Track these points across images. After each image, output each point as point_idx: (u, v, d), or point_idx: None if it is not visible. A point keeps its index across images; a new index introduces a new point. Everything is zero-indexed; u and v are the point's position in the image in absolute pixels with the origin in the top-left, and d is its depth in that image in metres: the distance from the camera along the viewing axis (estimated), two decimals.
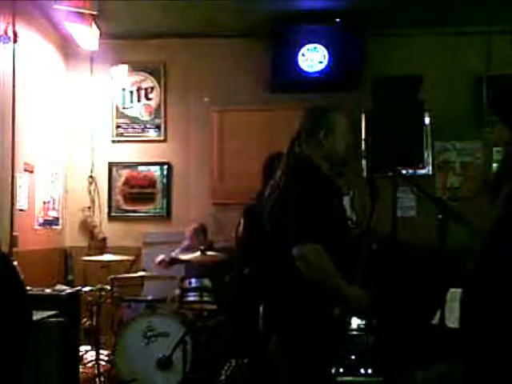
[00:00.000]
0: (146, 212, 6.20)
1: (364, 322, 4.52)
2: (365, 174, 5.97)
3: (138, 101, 6.27)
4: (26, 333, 2.66)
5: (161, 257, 5.36)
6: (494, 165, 5.82)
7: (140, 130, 6.26)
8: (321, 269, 2.39)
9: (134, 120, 6.25)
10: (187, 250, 5.28)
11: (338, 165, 2.68)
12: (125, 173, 6.21)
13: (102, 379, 4.61)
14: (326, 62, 5.75)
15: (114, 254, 5.10)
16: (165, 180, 6.20)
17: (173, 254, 5.39)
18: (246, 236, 4.09)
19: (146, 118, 6.26)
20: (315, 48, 5.76)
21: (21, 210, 5.04)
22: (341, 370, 4.39)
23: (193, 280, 4.79)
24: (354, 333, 4.49)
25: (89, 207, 6.17)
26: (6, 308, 2.51)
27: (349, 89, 5.85)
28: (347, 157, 2.68)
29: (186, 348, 4.40)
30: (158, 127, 6.25)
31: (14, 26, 4.86)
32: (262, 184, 3.99)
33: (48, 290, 4.35)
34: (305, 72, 5.78)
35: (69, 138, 6.19)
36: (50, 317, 3.76)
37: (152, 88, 6.26)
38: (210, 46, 6.17)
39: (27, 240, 5.09)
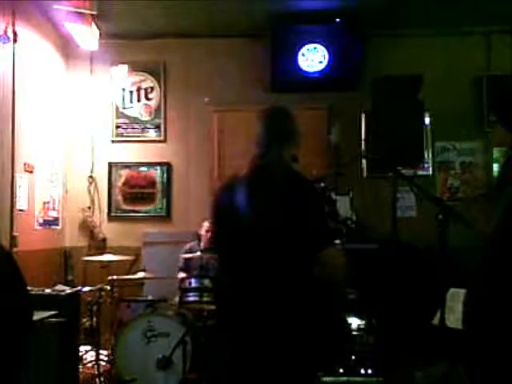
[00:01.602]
0: (146, 212, 6.20)
1: (364, 322, 4.52)
2: (365, 174, 5.99)
3: (138, 101, 6.27)
4: (26, 333, 2.66)
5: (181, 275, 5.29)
6: (495, 165, 5.82)
7: (140, 130, 6.25)
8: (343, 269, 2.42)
9: (134, 120, 6.25)
10: (191, 250, 5.28)
11: None
12: (125, 173, 6.21)
13: (102, 379, 4.61)
14: (325, 62, 5.76)
15: (114, 254, 5.10)
16: (165, 180, 6.20)
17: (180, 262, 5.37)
18: None
19: (146, 118, 6.26)
20: (315, 48, 5.77)
21: (21, 210, 5.04)
22: (341, 370, 4.39)
23: (193, 280, 4.79)
24: (354, 333, 4.49)
25: (89, 207, 6.17)
26: (7, 307, 2.51)
27: (349, 89, 5.86)
28: None
29: (186, 348, 4.40)
30: (157, 127, 6.25)
31: (13, 25, 4.86)
32: None
33: (48, 290, 4.35)
34: (305, 72, 5.79)
35: (69, 138, 6.19)
36: (49, 317, 3.75)
37: (152, 88, 6.26)
38: (209, 46, 6.18)
39: (27, 240, 5.09)
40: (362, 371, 4.39)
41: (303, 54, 5.78)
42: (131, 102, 6.27)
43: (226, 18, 5.73)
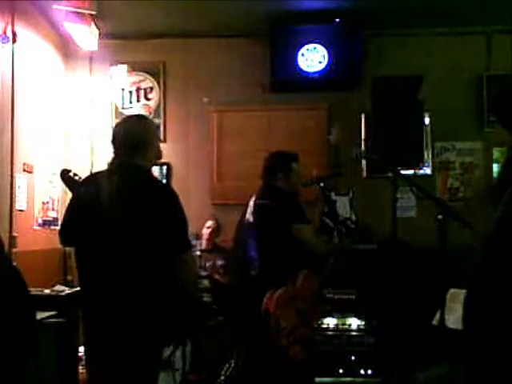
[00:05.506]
0: None
1: (364, 323, 4.51)
2: (365, 174, 5.99)
3: (138, 101, 6.26)
4: (28, 333, 2.66)
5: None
6: (495, 165, 5.82)
7: None
8: None
9: None
10: None
11: None
12: None
13: None
14: (325, 62, 5.75)
15: None
16: (164, 180, 6.18)
17: None
18: None
19: None
20: (315, 48, 5.76)
21: (20, 211, 5.03)
22: (341, 370, 4.38)
23: None
24: (354, 333, 4.48)
25: None
26: (9, 309, 2.51)
27: (349, 89, 5.86)
28: None
29: (186, 348, 4.40)
30: (157, 127, 6.23)
31: (13, 25, 4.85)
32: (262, 184, 3.98)
33: (47, 291, 4.35)
34: (304, 72, 5.78)
35: (68, 138, 6.18)
36: (49, 317, 3.75)
37: (151, 88, 6.25)
38: (209, 46, 6.17)
39: (26, 240, 5.08)
40: (362, 372, 4.39)
41: (303, 54, 5.78)
42: (131, 102, 6.26)
43: (226, 17, 5.72)
